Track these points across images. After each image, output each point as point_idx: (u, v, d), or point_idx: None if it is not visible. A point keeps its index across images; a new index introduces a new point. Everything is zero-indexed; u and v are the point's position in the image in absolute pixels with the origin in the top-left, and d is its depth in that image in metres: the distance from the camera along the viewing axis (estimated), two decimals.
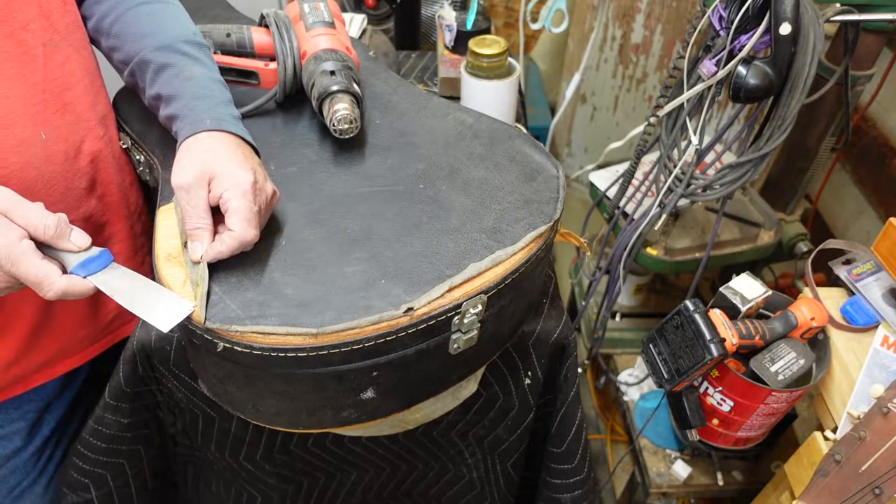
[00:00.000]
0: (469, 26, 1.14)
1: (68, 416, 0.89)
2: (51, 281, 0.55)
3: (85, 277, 0.57)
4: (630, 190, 1.15)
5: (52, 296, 0.56)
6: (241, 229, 0.59)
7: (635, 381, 1.38)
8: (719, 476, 1.19)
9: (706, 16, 0.86)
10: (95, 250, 0.59)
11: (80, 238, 0.58)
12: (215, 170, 0.61)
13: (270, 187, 0.64)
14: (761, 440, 1.05)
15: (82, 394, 0.90)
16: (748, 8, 0.80)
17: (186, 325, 0.58)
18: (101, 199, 0.78)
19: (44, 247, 0.57)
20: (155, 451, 0.86)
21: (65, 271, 0.57)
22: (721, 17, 0.85)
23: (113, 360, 0.77)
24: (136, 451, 0.83)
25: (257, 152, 0.69)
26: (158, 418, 0.83)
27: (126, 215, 0.82)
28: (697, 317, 0.86)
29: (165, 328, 0.55)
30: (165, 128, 0.72)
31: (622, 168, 1.26)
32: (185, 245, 0.62)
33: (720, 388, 0.96)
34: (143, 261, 0.87)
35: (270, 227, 0.65)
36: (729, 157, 1.10)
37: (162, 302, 0.57)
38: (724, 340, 0.84)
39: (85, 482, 0.81)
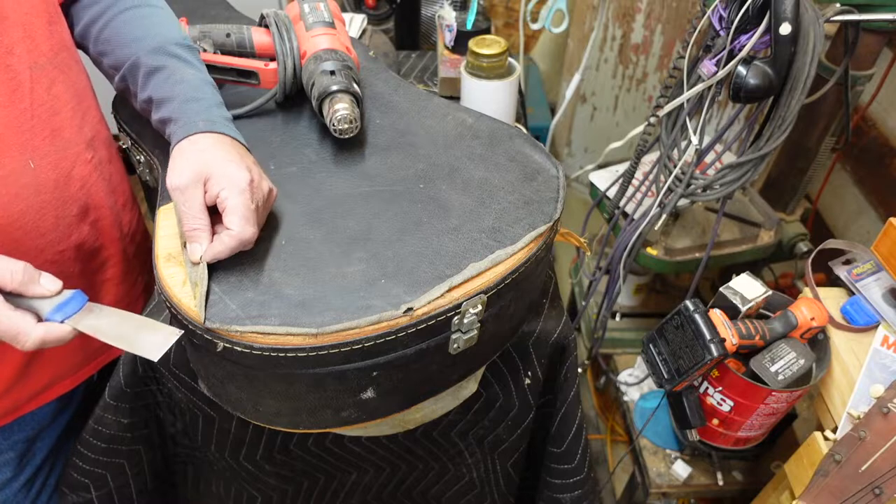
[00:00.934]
0: (469, 26, 1.14)
1: (60, 445, 0.87)
2: (26, 332, 0.54)
3: (62, 321, 0.56)
4: (630, 190, 1.15)
5: (31, 346, 0.54)
6: (239, 227, 0.59)
7: (635, 381, 1.38)
8: (719, 476, 1.19)
9: (706, 16, 0.86)
10: (68, 293, 0.58)
11: (50, 282, 0.56)
12: (211, 169, 0.60)
13: (267, 185, 0.63)
14: (761, 440, 1.05)
15: (74, 421, 0.88)
16: (748, 8, 0.80)
17: (187, 326, 0.58)
18: (94, 224, 0.75)
19: (14, 297, 0.55)
20: (155, 451, 0.86)
21: (40, 319, 0.56)
22: (721, 17, 0.85)
23: (104, 387, 0.76)
24: (136, 451, 0.83)
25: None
26: (158, 418, 0.83)
27: (119, 238, 0.80)
28: (697, 317, 0.86)
29: (155, 357, 0.55)
30: (158, 131, 0.71)
31: (622, 168, 1.26)
32: (184, 245, 0.62)
33: (720, 388, 0.95)
34: (135, 281, 0.86)
35: (270, 227, 0.65)
36: (729, 157, 1.10)
37: (147, 333, 0.57)
38: (724, 340, 0.84)
39: (85, 482, 0.81)
